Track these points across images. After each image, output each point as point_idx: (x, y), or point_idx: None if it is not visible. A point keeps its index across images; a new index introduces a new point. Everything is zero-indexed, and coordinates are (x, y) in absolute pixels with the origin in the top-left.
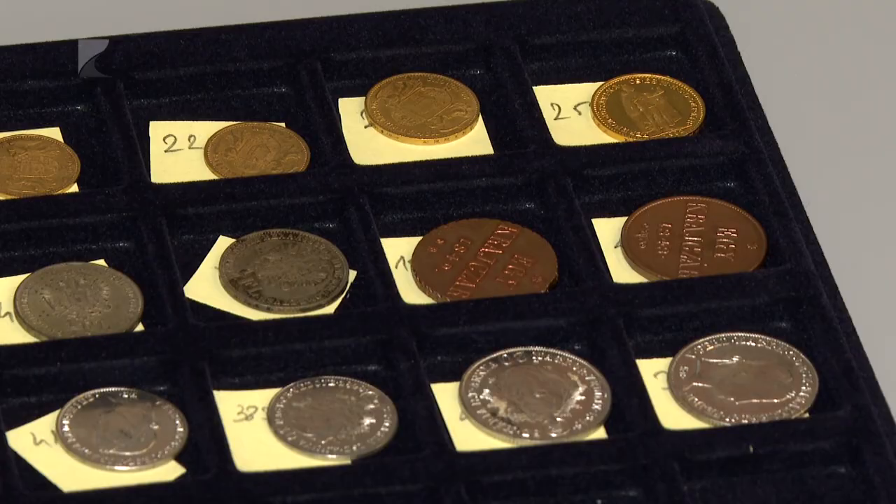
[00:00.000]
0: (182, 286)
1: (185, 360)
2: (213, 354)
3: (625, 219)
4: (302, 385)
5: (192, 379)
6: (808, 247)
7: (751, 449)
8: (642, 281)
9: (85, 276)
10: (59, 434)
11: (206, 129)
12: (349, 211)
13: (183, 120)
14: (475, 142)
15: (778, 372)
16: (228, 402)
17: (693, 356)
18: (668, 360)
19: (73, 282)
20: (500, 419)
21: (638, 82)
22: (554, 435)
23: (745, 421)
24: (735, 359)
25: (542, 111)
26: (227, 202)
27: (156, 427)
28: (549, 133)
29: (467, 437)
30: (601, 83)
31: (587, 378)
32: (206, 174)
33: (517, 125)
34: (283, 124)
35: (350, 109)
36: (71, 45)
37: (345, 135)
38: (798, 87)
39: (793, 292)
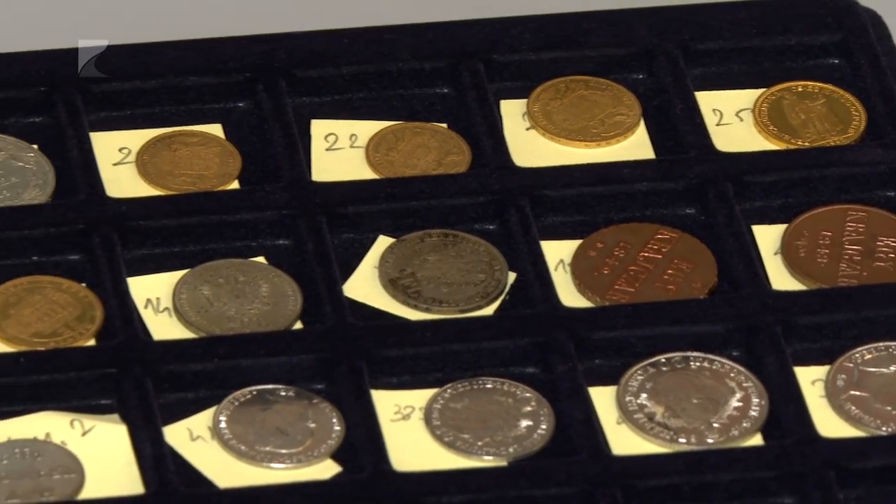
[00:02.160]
0: (341, 285)
1: (343, 359)
2: (371, 353)
3: (784, 226)
4: (459, 386)
5: (349, 378)
6: None
7: None
8: (801, 288)
9: (244, 273)
10: (215, 430)
11: (367, 129)
12: (509, 213)
13: (344, 119)
14: (636, 146)
15: None
16: (386, 402)
17: (851, 365)
18: (826, 368)
19: (232, 278)
20: (656, 424)
21: (800, 90)
22: (710, 441)
23: None
24: (893, 368)
25: (704, 117)
26: (388, 202)
27: (312, 425)
28: (711, 138)
29: (623, 440)
30: (763, 90)
31: (745, 384)
32: (367, 173)
33: (679, 130)
34: (444, 125)
35: (512, 111)
36: (234, 42)
37: (506, 137)
38: None
39: None
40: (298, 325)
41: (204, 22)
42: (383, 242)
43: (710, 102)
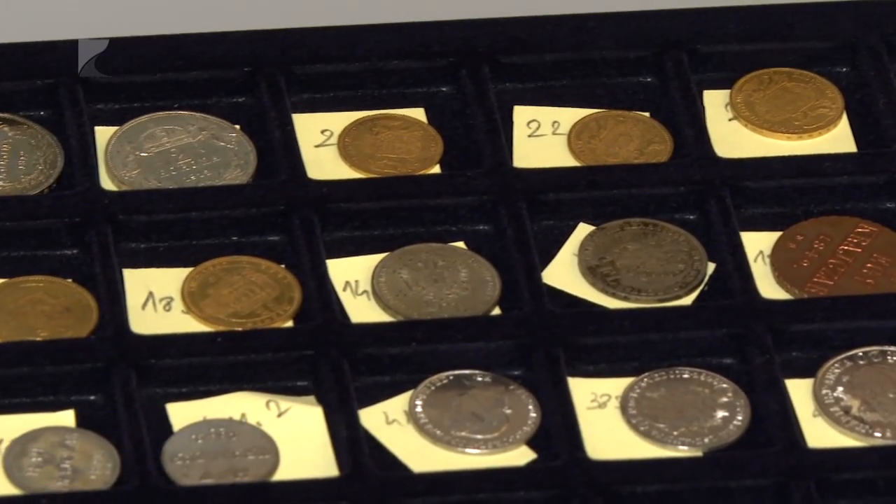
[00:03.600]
0: (540, 271)
1: (540, 346)
2: (568, 341)
3: None
4: (656, 375)
5: (546, 364)
6: None
7: None
8: None
9: (443, 258)
10: (411, 414)
11: (569, 116)
12: (710, 203)
13: (547, 105)
14: (838, 139)
15: None
16: (582, 390)
17: None
18: None
19: (431, 263)
20: (852, 417)
21: None
22: None
23: None
24: None
25: None
26: (589, 189)
27: (508, 411)
28: None
29: (819, 433)
30: None
31: None
32: (569, 160)
33: (881, 124)
34: (647, 114)
35: (714, 102)
36: (438, 27)
37: (708, 127)
38: None
39: None
40: (496, 311)
41: (409, 6)
42: (583, 230)
43: None
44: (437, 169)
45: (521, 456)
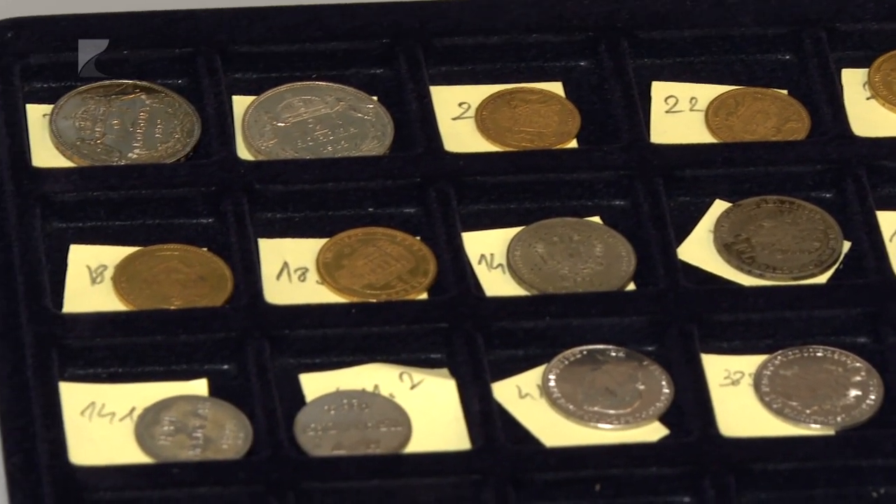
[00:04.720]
0: (675, 247)
1: (674, 322)
2: (702, 317)
3: None
4: (790, 353)
5: (680, 341)
6: None
7: None
8: None
9: (579, 233)
10: (544, 388)
11: (707, 92)
12: (846, 182)
13: (685, 81)
14: None
15: None
16: (715, 366)
17: None
18: None
19: (566, 237)
20: None
21: None
22: None
23: None
24: None
25: None
26: (726, 166)
27: (641, 387)
28: None
29: None
30: None
31: None
32: (706, 137)
33: None
34: (785, 91)
35: (853, 80)
36: (578, 1)
37: (846, 105)
38: None
39: None
40: (631, 287)
41: None
42: (719, 207)
43: None
44: (573, 143)
45: (653, 432)
